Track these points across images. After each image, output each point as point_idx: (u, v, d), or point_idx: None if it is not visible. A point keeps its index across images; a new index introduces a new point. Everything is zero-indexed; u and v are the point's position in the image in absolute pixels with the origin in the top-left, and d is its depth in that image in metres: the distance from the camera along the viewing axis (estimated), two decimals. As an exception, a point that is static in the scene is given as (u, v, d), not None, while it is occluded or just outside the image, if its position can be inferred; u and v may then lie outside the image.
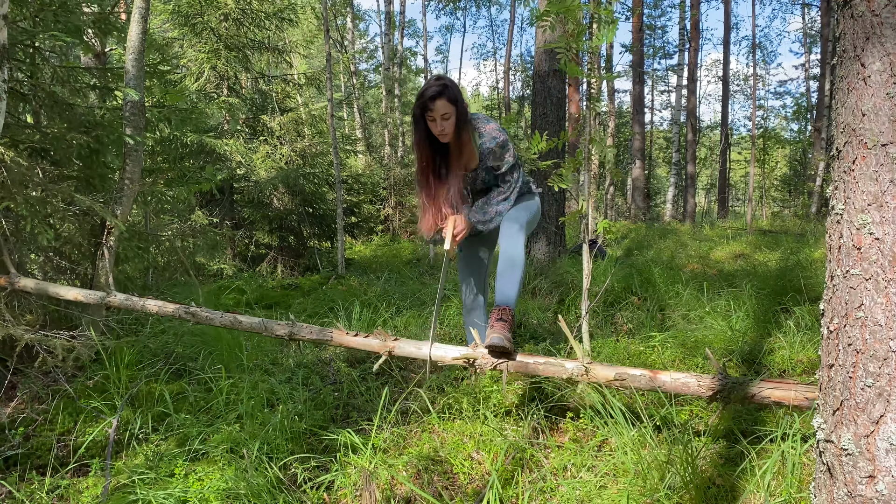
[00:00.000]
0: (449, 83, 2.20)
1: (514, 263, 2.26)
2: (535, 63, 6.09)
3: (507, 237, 2.31)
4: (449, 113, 2.18)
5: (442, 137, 2.25)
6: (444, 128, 2.21)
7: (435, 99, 2.16)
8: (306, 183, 7.90)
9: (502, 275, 2.28)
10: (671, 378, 1.94)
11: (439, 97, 2.15)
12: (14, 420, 2.45)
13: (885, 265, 1.05)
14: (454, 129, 2.23)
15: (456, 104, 2.19)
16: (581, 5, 2.72)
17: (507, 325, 2.16)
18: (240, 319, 2.66)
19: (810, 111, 22.13)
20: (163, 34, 8.12)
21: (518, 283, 2.27)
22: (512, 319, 2.20)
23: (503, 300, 2.24)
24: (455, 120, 2.21)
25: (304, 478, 1.93)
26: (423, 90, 2.20)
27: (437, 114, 2.18)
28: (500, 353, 2.15)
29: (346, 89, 20.62)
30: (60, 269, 3.61)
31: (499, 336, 2.09)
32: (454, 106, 2.18)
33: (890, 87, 1.04)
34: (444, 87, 2.17)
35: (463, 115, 2.23)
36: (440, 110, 2.17)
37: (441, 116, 2.18)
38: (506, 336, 2.10)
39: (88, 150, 3.41)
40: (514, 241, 2.29)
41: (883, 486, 1.05)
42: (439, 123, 2.20)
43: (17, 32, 3.08)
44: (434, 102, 2.16)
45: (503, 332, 2.12)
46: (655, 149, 26.63)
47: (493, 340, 2.09)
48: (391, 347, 2.31)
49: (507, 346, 2.09)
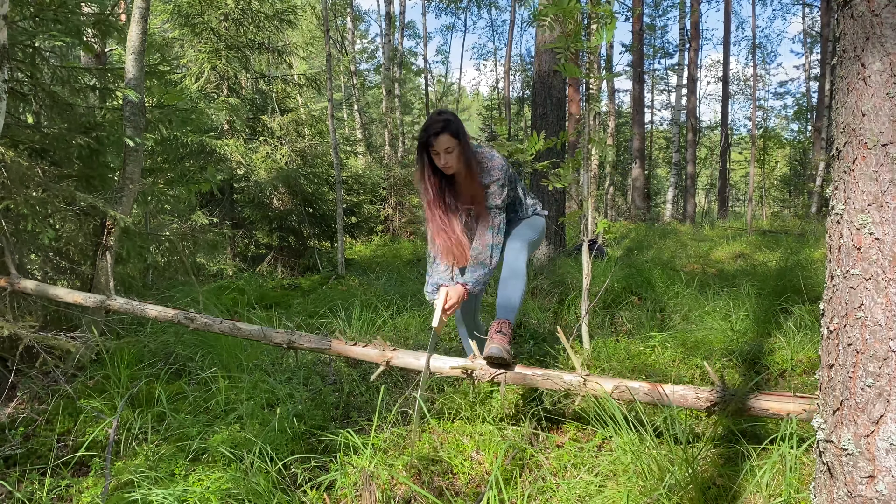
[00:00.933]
0: (451, 118, 2.26)
1: (515, 276, 2.29)
2: (535, 63, 6.09)
3: (510, 251, 2.34)
4: (452, 147, 2.24)
5: (447, 170, 2.31)
6: (447, 161, 2.27)
7: (438, 134, 2.21)
8: (306, 183, 7.90)
9: (503, 288, 2.29)
10: (670, 390, 1.97)
11: (442, 132, 2.21)
12: (14, 420, 2.45)
13: (885, 265, 1.05)
14: (459, 162, 2.29)
15: (458, 137, 2.24)
16: (579, 6, 2.72)
17: (506, 337, 2.16)
18: (239, 327, 2.66)
19: (810, 111, 22.15)
20: (163, 34, 8.12)
21: (519, 297, 2.29)
22: (511, 333, 2.21)
23: (503, 314, 2.25)
24: (459, 153, 2.27)
25: (304, 478, 1.93)
26: (427, 125, 2.26)
27: (440, 148, 2.23)
28: (499, 365, 2.15)
29: (347, 90, 20.63)
30: (60, 269, 3.61)
31: (497, 347, 2.10)
32: (457, 140, 2.24)
33: (890, 87, 1.04)
34: (447, 122, 2.23)
35: (466, 149, 2.29)
36: (443, 145, 2.23)
37: (444, 150, 2.24)
38: (504, 348, 2.11)
39: (88, 150, 3.41)
40: (517, 256, 2.32)
41: (883, 486, 1.05)
42: (443, 157, 2.26)
43: (17, 32, 3.08)
44: (437, 138, 2.22)
45: (502, 344, 2.12)
46: (655, 149, 26.63)
47: (491, 351, 2.09)
48: (389, 358, 2.32)
49: (505, 358, 2.09)
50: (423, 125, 2.30)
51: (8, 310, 2.90)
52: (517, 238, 2.40)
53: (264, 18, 7.81)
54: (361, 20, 24.85)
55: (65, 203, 3.13)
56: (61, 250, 3.54)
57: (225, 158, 7.34)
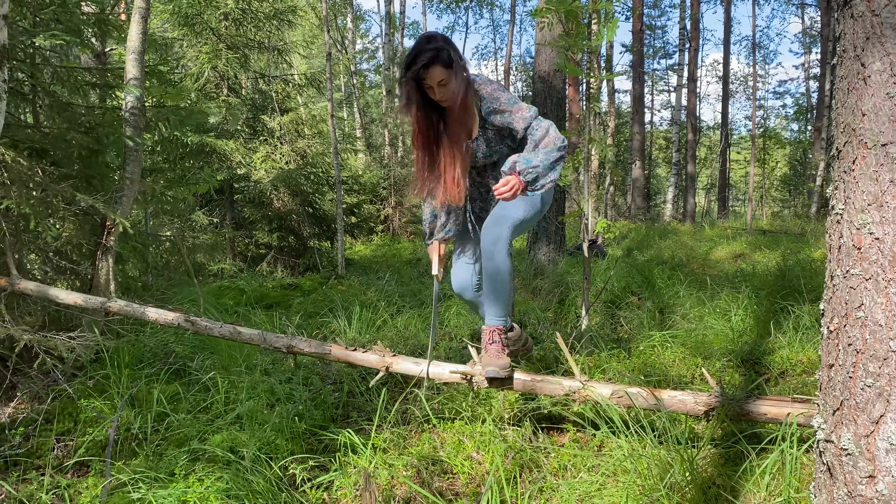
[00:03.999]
0: (441, 44, 1.93)
1: (494, 277, 2.03)
2: (536, 62, 6.08)
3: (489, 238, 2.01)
4: (446, 78, 1.94)
5: (443, 103, 2.02)
6: (442, 94, 1.98)
7: (429, 67, 1.91)
8: (306, 183, 7.90)
9: (486, 293, 2.10)
10: (669, 396, 1.98)
11: (433, 64, 1.91)
12: (14, 420, 2.45)
13: (885, 265, 1.05)
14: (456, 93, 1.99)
15: (453, 66, 1.94)
16: (580, 5, 2.72)
17: (498, 346, 2.09)
18: (239, 331, 2.66)
19: (810, 111, 22.14)
20: (163, 34, 8.12)
21: (504, 298, 2.10)
22: (503, 338, 2.12)
23: (490, 319, 2.14)
24: (456, 83, 1.97)
25: (303, 478, 1.93)
26: (414, 55, 1.93)
27: (432, 82, 1.95)
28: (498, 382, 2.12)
29: (347, 89, 20.62)
30: (60, 269, 3.61)
31: (494, 369, 2.03)
32: (452, 69, 1.94)
33: (890, 87, 1.04)
34: (437, 50, 1.91)
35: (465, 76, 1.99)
36: (436, 78, 1.93)
37: (438, 84, 1.95)
38: (500, 364, 2.04)
39: (89, 150, 3.41)
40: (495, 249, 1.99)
41: (883, 486, 1.05)
42: (437, 91, 1.97)
43: (17, 32, 3.08)
44: (428, 71, 1.92)
45: (497, 360, 2.06)
46: (655, 149, 26.62)
47: (488, 374, 2.05)
48: (389, 364, 2.33)
49: (500, 376, 2.05)
50: (410, 53, 1.96)
51: (6, 311, 2.90)
52: (500, 222, 2.01)
53: (264, 18, 7.81)
54: (362, 20, 24.84)
55: (65, 203, 3.13)
56: (61, 250, 3.54)
57: (225, 158, 7.34)
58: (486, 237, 2.02)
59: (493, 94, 2.06)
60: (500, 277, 2.04)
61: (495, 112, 2.06)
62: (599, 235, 7.93)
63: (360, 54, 25.31)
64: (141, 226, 3.94)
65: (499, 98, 2.06)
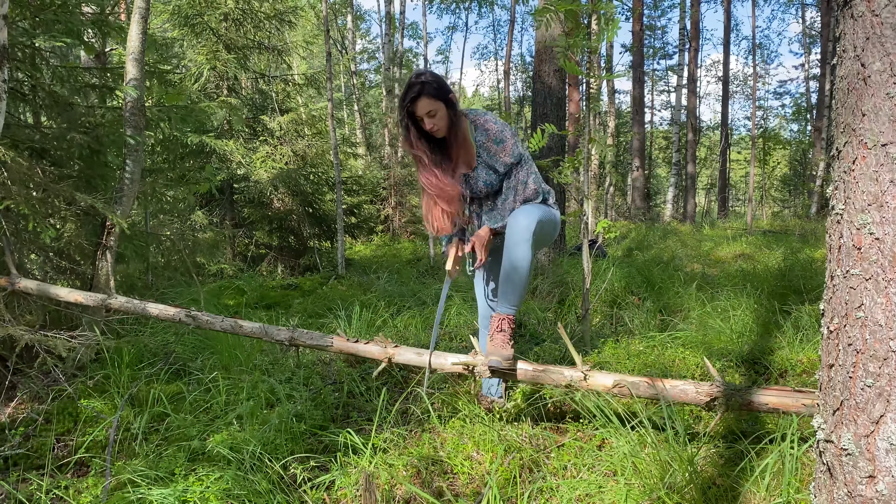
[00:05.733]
0: (427, 79, 2.08)
1: (515, 267, 2.11)
2: (535, 62, 6.09)
3: (512, 234, 2.11)
4: (434, 109, 2.09)
5: (436, 133, 2.16)
6: (432, 125, 2.12)
7: (416, 99, 2.08)
8: (306, 183, 7.90)
9: (503, 281, 2.16)
10: (670, 385, 1.96)
11: (420, 97, 2.07)
12: (14, 420, 2.45)
13: (885, 265, 1.05)
14: (447, 123, 2.14)
15: (439, 97, 2.08)
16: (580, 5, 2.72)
17: (506, 335, 2.11)
18: (241, 324, 2.66)
19: (810, 111, 22.15)
20: (163, 34, 8.12)
21: (520, 290, 2.14)
22: (512, 329, 2.15)
23: (503, 308, 2.17)
24: (445, 113, 2.12)
25: (304, 478, 1.93)
26: (404, 92, 2.12)
27: (422, 113, 2.10)
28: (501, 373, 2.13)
29: (347, 89, 20.62)
30: (61, 269, 3.61)
31: (496, 359, 2.06)
32: (439, 100, 2.09)
33: (890, 87, 1.04)
34: (423, 84, 2.07)
35: (452, 106, 2.13)
36: (424, 108, 2.09)
37: (427, 115, 2.10)
38: (503, 355, 2.06)
39: (89, 150, 3.41)
40: (517, 242, 2.09)
41: (883, 486, 1.05)
42: (427, 122, 2.12)
43: (17, 32, 3.08)
44: (416, 103, 2.09)
45: (501, 349, 2.08)
46: (655, 149, 26.63)
47: (491, 363, 2.06)
48: (391, 354, 2.32)
49: (503, 367, 2.07)
50: (402, 91, 2.14)
51: (6, 310, 2.90)
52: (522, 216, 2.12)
53: (264, 18, 7.81)
54: (362, 20, 24.85)
55: (65, 203, 3.13)
56: (61, 250, 3.54)
57: (225, 158, 7.34)
58: (512, 226, 2.11)
59: (482, 127, 2.20)
60: (520, 268, 2.10)
61: (482, 147, 2.21)
62: (600, 235, 7.93)
63: (361, 54, 25.32)
64: (141, 226, 3.94)
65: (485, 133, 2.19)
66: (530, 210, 2.13)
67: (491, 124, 2.18)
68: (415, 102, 2.08)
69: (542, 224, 2.12)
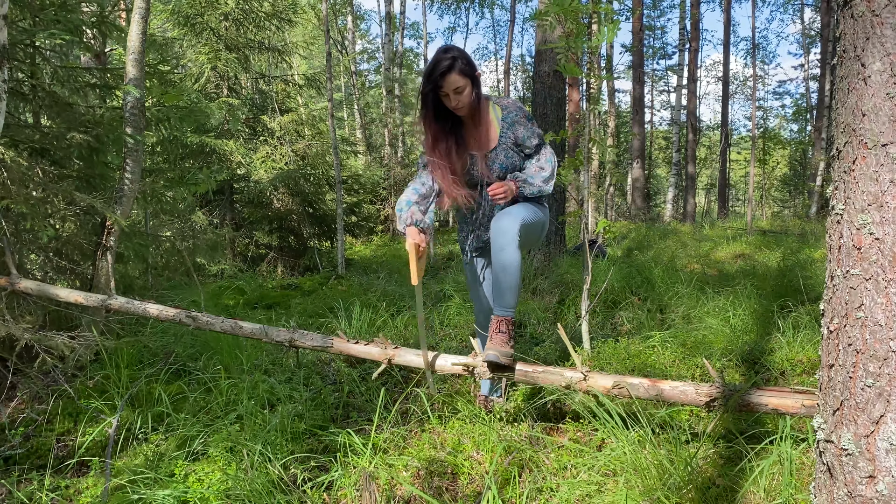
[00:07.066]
0: (458, 54, 2.06)
1: (504, 270, 2.07)
2: (535, 63, 6.08)
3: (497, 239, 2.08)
4: (462, 86, 2.07)
5: (458, 111, 2.15)
6: (458, 101, 2.10)
7: (446, 74, 2.04)
8: (306, 183, 7.90)
9: (495, 284, 2.14)
10: (670, 386, 1.95)
11: (450, 72, 2.04)
12: (14, 420, 2.45)
13: (885, 265, 1.05)
14: (470, 101, 2.13)
15: (467, 74, 2.07)
16: (581, 6, 2.72)
17: (505, 336, 2.11)
18: (241, 325, 2.66)
19: (810, 111, 22.15)
20: (163, 34, 8.12)
21: (512, 292, 2.12)
22: (511, 329, 2.13)
23: (499, 310, 2.15)
24: (471, 90, 2.11)
25: (304, 478, 1.93)
26: (433, 66, 2.06)
27: (449, 89, 2.07)
28: (500, 369, 2.12)
29: (347, 89, 20.62)
30: (60, 269, 3.61)
31: (494, 353, 2.04)
32: (467, 78, 2.08)
33: (890, 87, 1.04)
34: (454, 59, 2.04)
35: (478, 85, 2.14)
36: (452, 85, 2.06)
37: (454, 91, 2.07)
38: (503, 352, 2.05)
39: (89, 150, 3.41)
40: (503, 246, 2.06)
41: (883, 486, 1.05)
42: (453, 98, 2.09)
43: (17, 32, 3.08)
44: (445, 78, 2.04)
45: (501, 347, 2.06)
46: (655, 149, 26.63)
47: (489, 357, 2.05)
48: (391, 356, 2.32)
49: (502, 363, 2.05)
50: (429, 65, 2.09)
51: (6, 310, 2.90)
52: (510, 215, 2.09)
53: (265, 17, 7.81)
54: (362, 20, 24.84)
55: (65, 203, 3.13)
56: (61, 250, 3.54)
57: (225, 159, 7.34)
58: (496, 230, 2.10)
59: (512, 105, 2.23)
60: (510, 270, 2.07)
61: (517, 123, 2.21)
62: (600, 235, 7.93)
63: (361, 54, 25.32)
64: (141, 226, 3.94)
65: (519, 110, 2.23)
66: (515, 212, 2.12)
67: (518, 104, 2.23)
68: (444, 77, 2.04)
69: (526, 227, 2.11)
